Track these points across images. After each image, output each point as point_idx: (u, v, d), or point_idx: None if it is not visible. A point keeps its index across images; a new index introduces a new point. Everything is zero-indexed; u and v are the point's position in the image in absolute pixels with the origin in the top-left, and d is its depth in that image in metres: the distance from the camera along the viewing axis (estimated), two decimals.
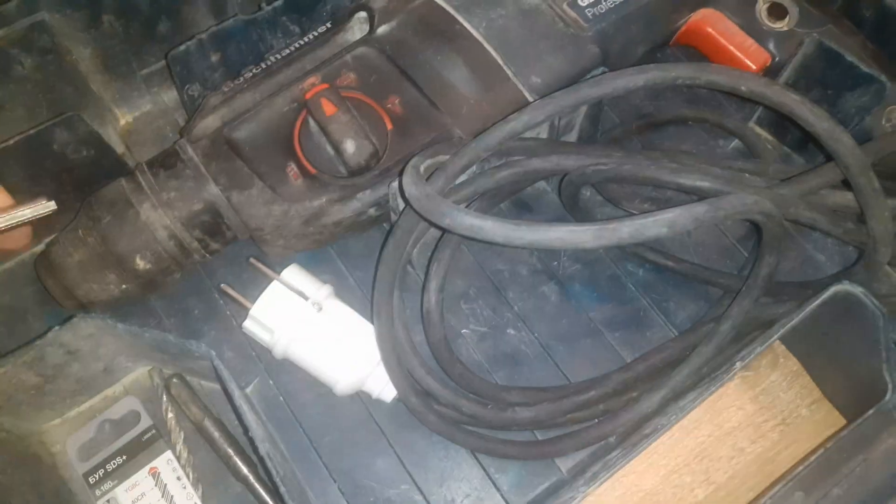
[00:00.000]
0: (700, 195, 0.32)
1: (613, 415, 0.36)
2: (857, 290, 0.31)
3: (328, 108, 0.35)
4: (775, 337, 0.31)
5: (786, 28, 0.42)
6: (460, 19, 0.37)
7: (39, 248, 0.40)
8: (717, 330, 0.35)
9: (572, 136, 0.42)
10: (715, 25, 0.42)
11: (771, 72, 0.42)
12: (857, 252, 0.34)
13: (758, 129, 0.45)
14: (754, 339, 0.36)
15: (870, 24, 0.42)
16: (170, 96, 0.45)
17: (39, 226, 0.37)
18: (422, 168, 0.32)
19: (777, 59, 0.41)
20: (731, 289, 0.39)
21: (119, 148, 0.44)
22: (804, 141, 0.43)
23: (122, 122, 0.45)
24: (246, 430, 0.30)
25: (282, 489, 0.28)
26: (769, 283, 0.34)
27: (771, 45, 0.42)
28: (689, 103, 0.46)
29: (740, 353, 0.33)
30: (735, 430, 0.38)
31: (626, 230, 0.26)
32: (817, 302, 0.31)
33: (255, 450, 0.30)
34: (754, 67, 0.42)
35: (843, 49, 0.38)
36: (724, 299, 0.39)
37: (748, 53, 0.41)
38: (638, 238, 0.26)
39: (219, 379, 0.32)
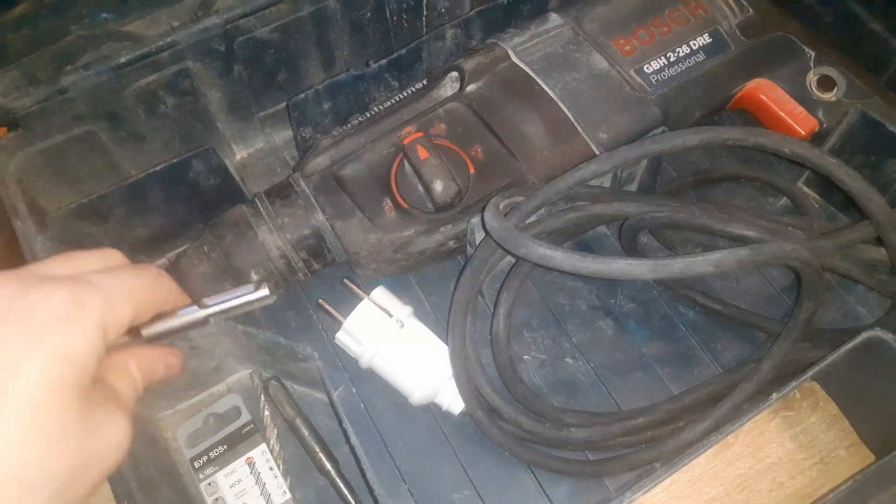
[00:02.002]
0: (746, 243, 0.36)
1: (660, 441, 0.39)
2: (889, 336, 0.34)
3: (422, 153, 0.40)
4: (808, 375, 0.35)
5: (834, 98, 0.46)
6: (539, 81, 0.43)
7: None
8: (758, 369, 0.39)
9: (633, 187, 0.47)
10: (768, 93, 0.46)
11: (819, 138, 0.46)
12: (892, 303, 0.37)
13: (805, 189, 0.49)
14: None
15: None
16: (280, 136, 0.52)
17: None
18: (501, 206, 0.37)
19: (825, 126, 0.45)
20: (774, 333, 0.42)
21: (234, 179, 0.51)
22: (847, 201, 0.46)
23: (238, 156, 0.52)
24: (340, 421, 0.34)
25: (369, 474, 0.33)
26: (808, 328, 0.38)
27: (819, 114, 0.46)
28: (741, 162, 0.50)
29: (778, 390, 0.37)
30: (775, 465, 0.41)
31: (677, 266, 0.30)
32: (849, 346, 0.34)
33: (348, 439, 0.34)
34: (803, 133, 0.46)
35: (884, 119, 0.41)
36: (768, 342, 0.43)
37: (797, 119, 0.46)
38: (687, 273, 0.30)
39: (320, 378, 0.37)
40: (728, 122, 0.50)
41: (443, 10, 0.51)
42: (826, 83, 0.46)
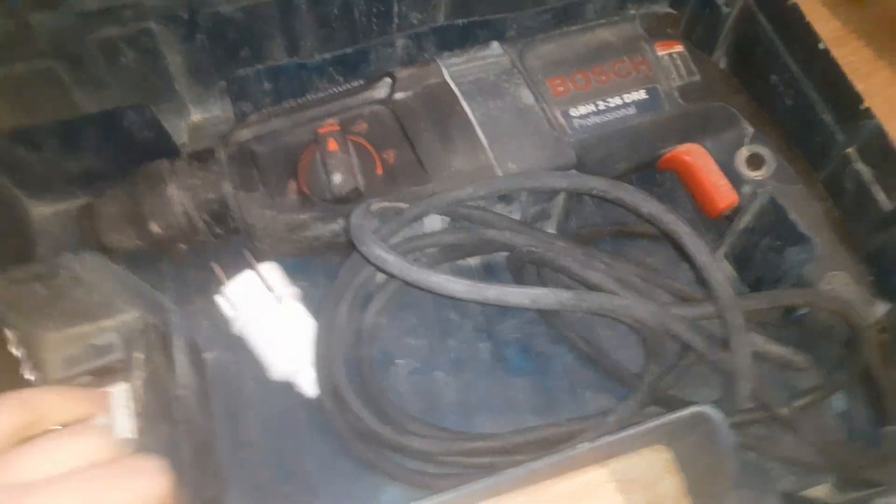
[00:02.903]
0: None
1: (495, 470, 0.40)
2: (716, 414, 0.34)
3: (332, 145, 0.42)
4: (628, 433, 0.35)
5: (759, 178, 0.45)
6: (463, 102, 0.44)
7: None
8: (602, 421, 0.39)
9: (551, 223, 0.48)
10: (696, 160, 0.46)
11: (738, 213, 0.46)
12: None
13: (724, 262, 0.48)
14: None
15: (847, 196, 0.45)
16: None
17: None
18: (374, 207, 0.38)
19: (743, 202, 0.45)
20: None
21: (184, 137, 0.53)
22: (758, 281, 0.46)
23: (193, 118, 0.54)
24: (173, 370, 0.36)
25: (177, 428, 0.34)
26: (654, 390, 0.38)
27: (743, 189, 0.45)
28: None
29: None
30: None
31: (492, 292, 0.31)
32: (674, 416, 0.34)
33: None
34: (722, 206, 0.46)
35: (791, 207, 0.41)
36: None
37: (719, 191, 0.45)
38: (501, 301, 0.31)
39: (169, 328, 0.39)
40: (654, 179, 0.50)
41: (414, 21, 0.53)
42: (756, 161, 0.46)
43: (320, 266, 0.49)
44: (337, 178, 0.42)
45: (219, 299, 0.43)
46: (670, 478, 0.40)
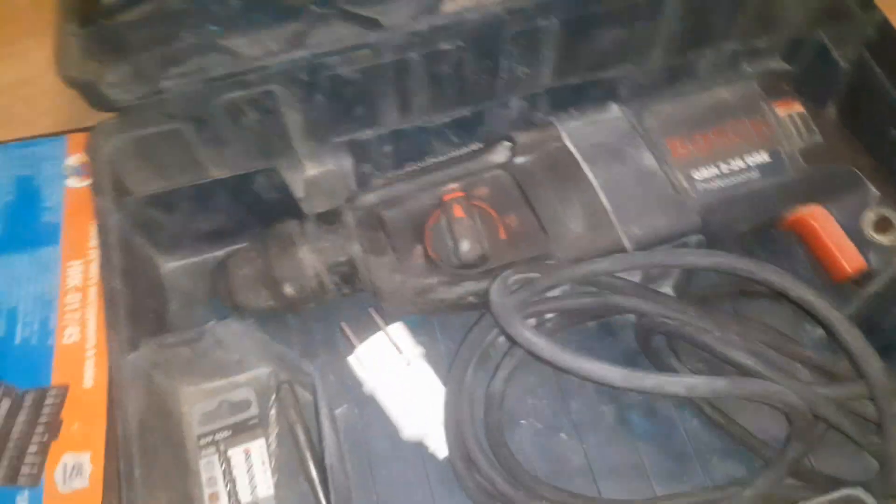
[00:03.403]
0: (742, 371, 0.37)
1: None
2: (869, 499, 0.34)
3: (457, 211, 0.43)
4: None
5: (887, 243, 0.45)
6: (584, 167, 0.45)
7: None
8: (740, 494, 0.39)
9: (668, 285, 0.48)
10: (820, 222, 0.46)
11: (866, 278, 0.45)
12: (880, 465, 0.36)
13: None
14: None
15: None
16: (349, 163, 0.56)
17: None
18: (510, 280, 0.39)
19: (873, 268, 0.45)
20: (770, 462, 0.42)
21: (300, 192, 0.55)
22: (888, 348, 0.45)
23: (308, 173, 0.56)
24: (321, 440, 0.38)
25: (332, 496, 0.36)
26: (795, 467, 0.37)
27: (870, 255, 0.45)
28: None
29: None
30: None
31: (649, 382, 0.31)
32: (825, 498, 0.34)
33: (323, 458, 0.37)
34: (849, 270, 0.45)
35: None
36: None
37: (846, 255, 0.45)
38: (657, 391, 0.31)
39: (314, 394, 0.40)
40: (778, 240, 0.50)
41: (521, 75, 0.54)
42: (883, 225, 0.45)
43: (437, 322, 0.50)
44: (465, 245, 0.42)
45: (351, 360, 0.45)
46: None
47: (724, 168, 0.45)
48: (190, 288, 0.52)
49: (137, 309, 0.44)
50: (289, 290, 0.45)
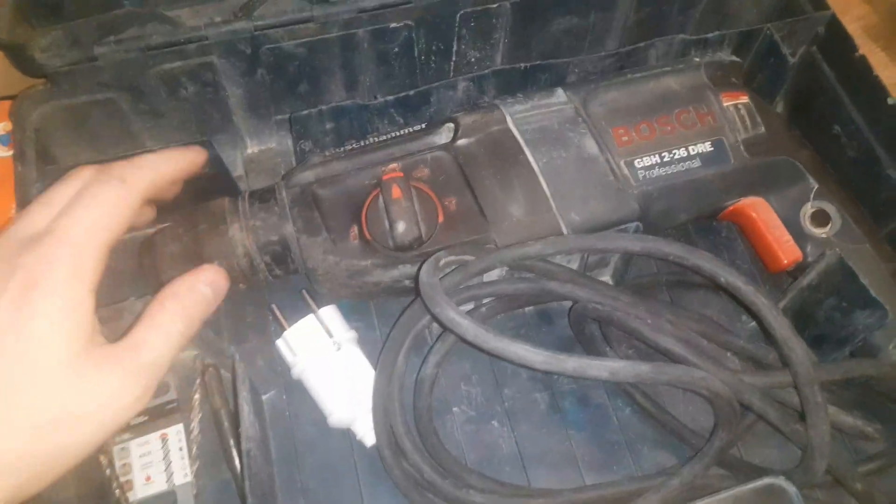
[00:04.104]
0: (671, 358, 0.36)
1: None
2: (790, 488, 0.34)
3: (395, 192, 0.42)
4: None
5: (824, 235, 0.45)
6: (526, 151, 0.44)
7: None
8: (666, 483, 0.38)
9: (606, 273, 0.47)
10: (760, 214, 0.46)
11: (801, 269, 0.45)
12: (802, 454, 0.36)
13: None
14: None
15: None
16: (290, 142, 0.54)
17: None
18: (442, 262, 0.38)
19: (808, 260, 0.45)
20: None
21: (239, 170, 0.54)
22: (819, 339, 0.45)
23: (249, 150, 0.55)
24: (237, 425, 0.36)
25: (246, 483, 0.34)
26: (722, 455, 0.37)
27: (807, 247, 0.45)
28: None
29: None
30: None
31: (571, 364, 0.30)
32: (747, 488, 0.34)
33: (240, 444, 0.36)
34: (785, 261, 0.45)
35: (860, 269, 0.40)
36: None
37: (783, 247, 0.45)
38: (579, 374, 0.30)
39: (232, 378, 0.39)
40: (718, 231, 0.50)
41: (472, 59, 0.53)
42: (820, 218, 0.45)
43: (374, 307, 0.49)
44: (400, 226, 0.41)
45: (279, 344, 0.43)
46: None
47: (666, 156, 0.44)
48: (117, 265, 0.49)
49: None
50: None
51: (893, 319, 0.39)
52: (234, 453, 0.43)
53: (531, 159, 0.44)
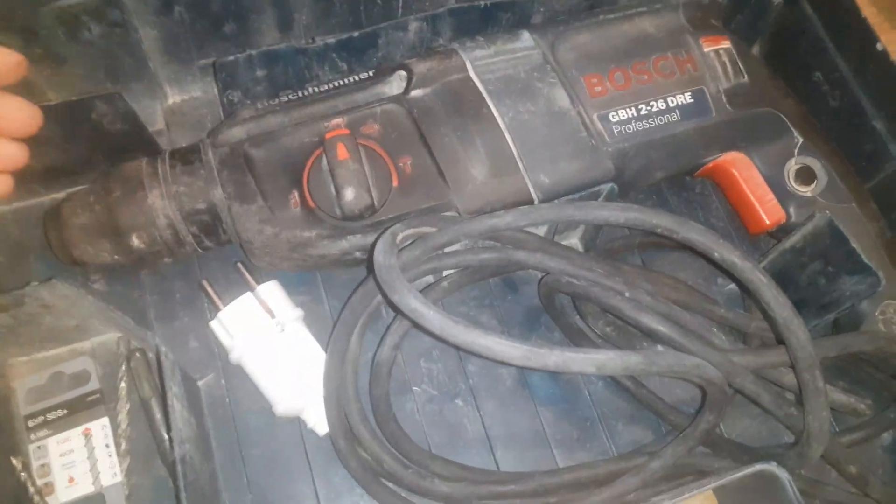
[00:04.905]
0: (655, 338, 0.33)
1: None
2: (783, 474, 0.31)
3: (342, 152, 0.37)
4: (694, 493, 0.32)
5: (809, 194, 0.42)
6: (490, 104, 0.39)
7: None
8: (647, 465, 0.35)
9: (575, 236, 0.43)
10: (741, 171, 0.42)
11: (783, 230, 0.42)
12: (795, 438, 0.34)
13: None
14: (685, 483, 0.37)
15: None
16: (215, 90, 0.48)
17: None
18: (400, 237, 0.33)
19: (792, 220, 0.42)
20: (679, 428, 0.39)
21: (159, 123, 0.47)
22: (798, 304, 0.43)
23: (171, 100, 0.48)
24: (169, 429, 0.31)
25: (182, 496, 0.30)
26: (706, 437, 0.35)
27: (791, 207, 0.42)
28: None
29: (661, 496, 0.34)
30: None
31: (553, 359, 0.27)
32: (739, 474, 0.31)
33: (172, 450, 0.31)
34: (768, 222, 0.42)
35: (850, 234, 0.37)
36: (669, 437, 0.40)
37: (765, 207, 0.42)
38: (563, 369, 0.27)
39: (158, 371, 0.34)
40: (691, 187, 0.46)
41: None
42: (805, 175, 0.42)
43: (321, 276, 0.44)
44: (349, 193, 0.36)
45: (214, 326, 0.38)
46: None
47: (643, 109, 0.40)
48: (20, 237, 0.43)
49: None
50: (136, 242, 0.38)
51: (885, 287, 0.36)
52: (169, 447, 0.38)
53: (496, 113, 0.39)
